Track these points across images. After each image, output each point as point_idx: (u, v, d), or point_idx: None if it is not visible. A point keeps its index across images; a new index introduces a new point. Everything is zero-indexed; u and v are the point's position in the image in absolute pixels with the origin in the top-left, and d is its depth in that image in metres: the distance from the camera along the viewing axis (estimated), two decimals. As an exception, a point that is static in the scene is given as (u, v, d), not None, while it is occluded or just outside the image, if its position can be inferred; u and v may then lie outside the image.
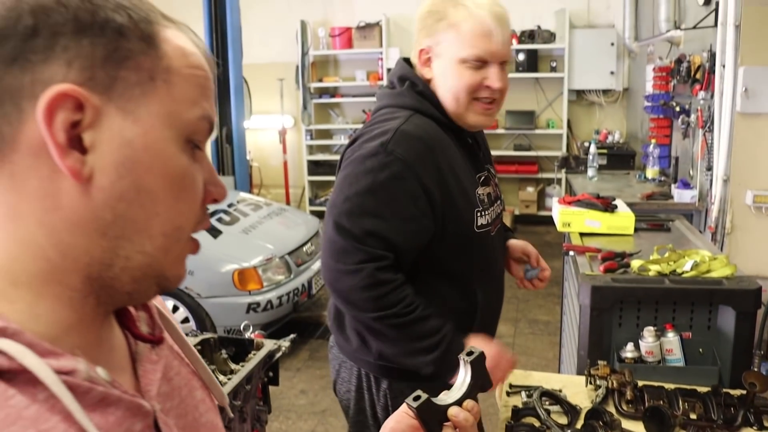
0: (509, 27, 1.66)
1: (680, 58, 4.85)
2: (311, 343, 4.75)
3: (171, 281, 0.64)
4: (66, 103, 0.54)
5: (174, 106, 0.60)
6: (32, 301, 0.56)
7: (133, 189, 0.57)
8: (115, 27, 0.56)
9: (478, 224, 1.70)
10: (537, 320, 5.16)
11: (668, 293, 2.18)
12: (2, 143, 0.54)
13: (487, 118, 1.70)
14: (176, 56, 0.61)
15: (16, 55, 0.53)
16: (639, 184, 5.18)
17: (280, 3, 8.72)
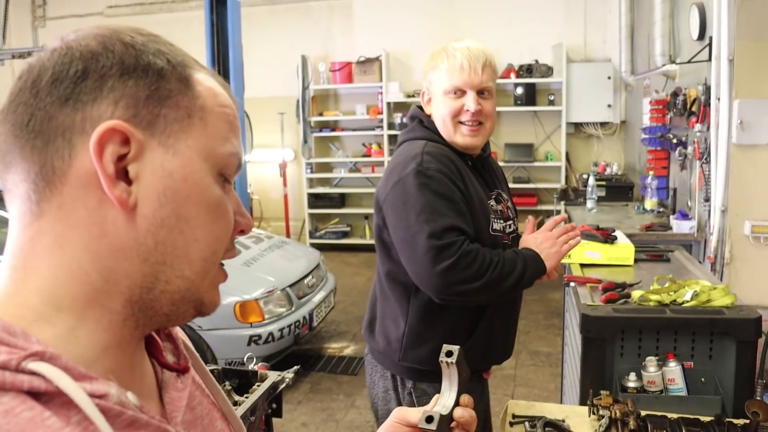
0: (486, 62, 1.93)
1: (676, 91, 4.92)
2: (312, 375, 4.74)
3: (207, 306, 0.68)
4: (114, 138, 0.59)
5: (209, 141, 0.65)
6: (73, 324, 0.60)
7: (174, 216, 0.62)
8: (156, 69, 0.62)
9: (493, 228, 1.97)
10: (538, 352, 5.15)
11: (669, 323, 2.19)
12: (53, 176, 0.59)
13: (474, 138, 1.97)
14: (209, 96, 0.66)
15: (68, 95, 0.59)
16: (638, 216, 5.21)
17: (282, 38, 8.85)
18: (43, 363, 0.53)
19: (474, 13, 8.43)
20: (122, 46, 0.62)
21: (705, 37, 4.41)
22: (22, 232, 0.61)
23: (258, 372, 2.30)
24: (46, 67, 0.60)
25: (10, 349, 0.53)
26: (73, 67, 0.60)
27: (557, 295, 6.45)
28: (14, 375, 0.52)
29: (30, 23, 9.81)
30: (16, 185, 0.61)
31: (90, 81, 0.59)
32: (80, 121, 0.59)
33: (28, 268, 0.60)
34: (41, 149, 0.59)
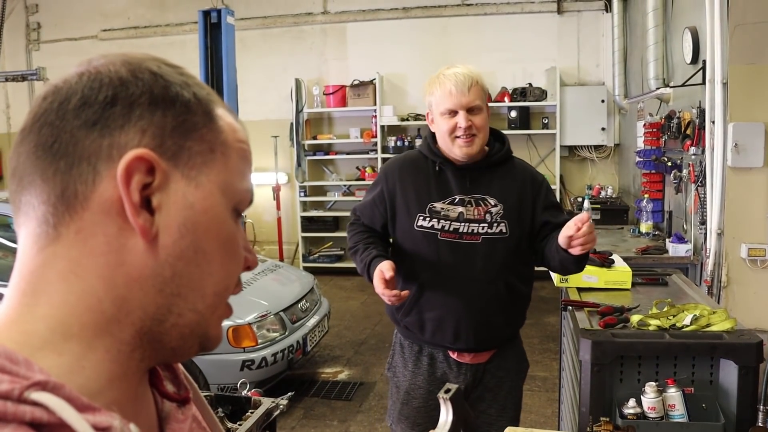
0: (471, 83, 2.24)
1: (670, 114, 4.93)
2: (306, 401, 4.67)
3: (212, 341, 0.67)
4: (140, 166, 0.58)
5: (228, 176, 0.65)
6: (81, 353, 0.58)
7: (192, 248, 0.62)
8: (183, 101, 0.62)
9: (416, 223, 2.32)
10: (534, 376, 5.10)
11: (669, 348, 2.17)
12: (75, 201, 0.58)
13: (468, 148, 2.26)
14: (229, 131, 0.66)
15: (96, 120, 0.59)
16: (633, 239, 5.20)
17: (276, 61, 8.88)
18: (45, 393, 0.51)
19: (467, 36, 8.49)
20: (151, 75, 0.62)
21: (698, 60, 4.43)
22: (36, 255, 0.60)
23: (252, 398, 2.26)
24: (75, 90, 0.60)
25: (12, 377, 0.51)
26: (103, 93, 0.59)
27: (553, 319, 6.41)
28: (16, 405, 0.50)
29: (24, 46, 9.82)
30: (34, 207, 0.60)
31: (119, 108, 0.59)
32: (107, 147, 0.58)
33: (38, 293, 0.59)
34: (64, 172, 0.58)
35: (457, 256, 2.30)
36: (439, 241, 2.29)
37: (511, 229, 2.30)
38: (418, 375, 2.43)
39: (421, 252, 2.33)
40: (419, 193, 2.33)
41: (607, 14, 8.05)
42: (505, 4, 8.42)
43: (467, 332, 2.32)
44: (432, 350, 2.42)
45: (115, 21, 9.45)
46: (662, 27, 5.50)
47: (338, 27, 8.87)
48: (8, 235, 5.01)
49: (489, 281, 2.30)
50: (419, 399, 2.42)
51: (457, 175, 2.33)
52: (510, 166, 2.41)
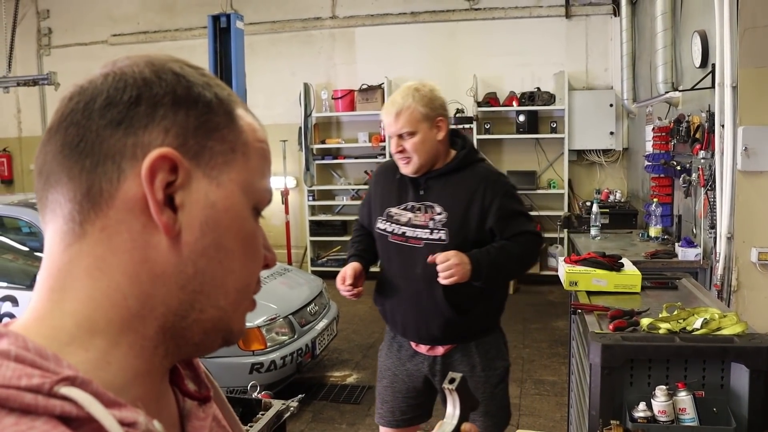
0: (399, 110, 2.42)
1: (679, 118, 4.92)
2: (315, 404, 4.67)
3: (235, 335, 0.68)
4: (164, 165, 0.59)
5: (249, 175, 0.66)
6: (106, 349, 0.59)
7: (214, 246, 0.63)
8: (205, 101, 0.64)
9: (376, 225, 2.58)
10: (543, 381, 5.09)
11: (679, 351, 2.16)
12: (100, 198, 0.60)
13: (406, 167, 2.47)
14: (249, 131, 0.67)
15: (121, 120, 0.60)
16: (642, 243, 5.18)
17: (284, 66, 8.91)
18: (74, 388, 0.53)
19: (476, 40, 8.51)
20: (174, 75, 0.63)
21: (708, 64, 4.42)
22: (63, 252, 0.61)
23: (262, 400, 2.27)
24: (101, 91, 0.61)
25: (42, 372, 0.52)
26: (127, 93, 0.61)
27: (561, 323, 6.40)
28: (47, 399, 0.51)
29: (35, 51, 9.89)
30: (60, 205, 0.61)
31: (143, 107, 0.61)
32: (131, 146, 0.60)
33: (65, 289, 0.60)
34: (90, 171, 0.60)
35: (401, 257, 2.52)
36: (389, 243, 2.54)
37: (450, 236, 2.42)
38: (390, 358, 2.68)
39: (381, 251, 2.63)
40: (383, 198, 2.59)
41: (615, 18, 8.04)
42: (513, 9, 8.42)
43: (411, 327, 2.55)
44: (400, 338, 2.66)
45: (125, 26, 9.50)
46: (671, 31, 5.50)
47: (347, 31, 8.89)
48: (18, 238, 5.04)
49: (428, 283, 2.42)
50: (387, 379, 2.68)
51: (413, 183, 2.52)
52: (468, 172, 2.51)
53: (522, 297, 7.75)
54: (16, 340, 0.54)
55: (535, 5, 8.39)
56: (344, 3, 8.87)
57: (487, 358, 2.57)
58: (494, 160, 8.44)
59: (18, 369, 0.52)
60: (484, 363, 2.56)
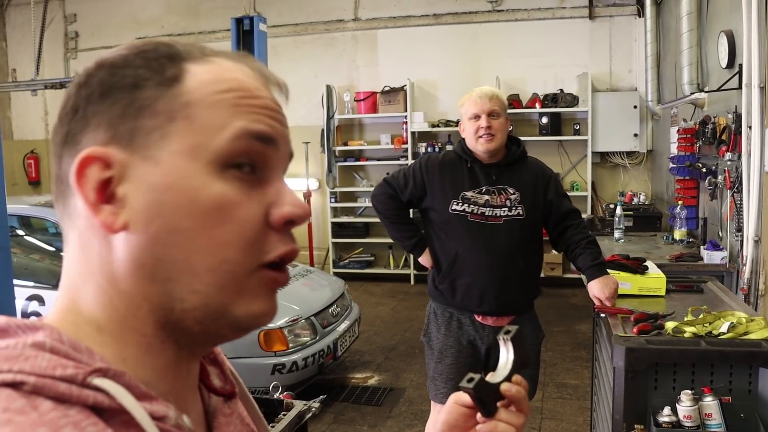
0: (492, 95, 2.88)
1: (705, 119, 4.86)
2: (336, 406, 4.68)
3: (243, 319, 0.62)
4: (93, 164, 0.58)
5: (197, 138, 0.60)
6: (118, 346, 0.60)
7: (165, 230, 0.58)
8: (129, 82, 0.60)
9: (451, 207, 2.87)
10: (565, 384, 5.06)
11: (705, 355, 2.13)
12: (72, 212, 0.62)
13: (488, 144, 2.83)
14: (201, 86, 0.61)
15: (66, 134, 0.61)
16: (667, 246, 5.13)
17: (307, 68, 8.94)
18: (107, 380, 0.54)
19: (498, 42, 8.48)
20: (105, 67, 0.61)
21: (734, 64, 4.36)
22: (65, 256, 0.64)
23: (284, 401, 2.27)
24: (60, 109, 0.63)
25: (76, 363, 0.54)
26: (70, 102, 0.61)
27: (584, 326, 6.34)
28: (80, 389, 0.52)
29: (62, 55, 10.03)
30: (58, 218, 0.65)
31: (79, 113, 0.60)
32: (75, 156, 0.59)
33: (74, 289, 0.62)
34: (61, 191, 0.62)
35: (483, 234, 2.85)
36: (469, 222, 2.85)
37: (526, 211, 2.86)
38: (450, 337, 2.96)
39: (454, 230, 2.89)
40: (455, 184, 2.88)
41: (639, 19, 7.97)
42: (536, 10, 8.38)
43: (490, 297, 2.86)
44: (460, 315, 2.96)
45: (149, 29, 9.59)
46: (697, 31, 5.43)
47: (369, 33, 8.91)
48: (45, 238, 5.11)
49: (509, 255, 2.85)
50: (451, 357, 2.95)
51: (483, 171, 2.90)
52: (525, 163, 2.98)
53: (544, 300, 7.67)
54: (51, 332, 0.55)
55: (558, 6, 8.34)
56: (367, 5, 8.88)
57: (534, 328, 3.00)
58: (517, 162, 8.39)
59: (53, 360, 0.53)
60: (534, 332, 2.99)
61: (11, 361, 0.52)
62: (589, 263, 2.82)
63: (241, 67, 0.65)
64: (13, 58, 10.15)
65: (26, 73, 9.29)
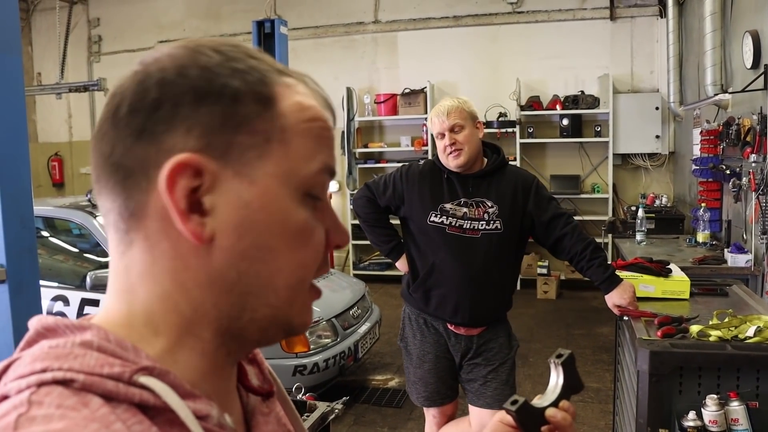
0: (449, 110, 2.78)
1: (729, 121, 4.81)
2: (356, 407, 4.69)
3: (297, 328, 0.66)
4: (186, 171, 0.57)
5: (290, 164, 0.62)
6: (171, 349, 0.60)
7: (254, 248, 0.60)
8: (230, 93, 0.59)
9: (429, 219, 2.83)
10: (587, 388, 5.02)
11: (731, 360, 2.11)
12: (137, 209, 0.59)
13: (457, 159, 2.79)
14: (292, 113, 0.62)
15: (143, 127, 0.58)
16: (689, 249, 5.08)
17: (327, 70, 8.97)
18: (152, 378, 0.55)
19: (518, 44, 8.45)
20: (198, 69, 0.59)
21: (759, 65, 4.32)
22: (119, 259, 0.62)
23: (307, 402, 2.29)
24: (125, 96, 0.59)
25: (122, 362, 0.55)
26: (149, 96, 0.58)
27: (605, 329, 6.30)
28: (127, 387, 0.53)
29: (86, 58, 10.14)
30: (109, 214, 0.62)
31: (163, 111, 0.58)
32: (155, 153, 0.58)
33: (128, 292, 0.62)
34: (123, 183, 0.59)
35: (460, 247, 2.82)
36: (446, 234, 2.83)
37: (504, 225, 2.82)
38: (426, 343, 2.98)
39: (431, 241, 2.87)
40: (434, 195, 2.86)
41: (661, 20, 7.91)
42: (556, 11, 8.35)
43: (464, 309, 2.85)
44: (433, 322, 2.96)
45: (171, 32, 9.67)
46: (720, 31, 5.38)
47: (389, 36, 8.92)
48: (69, 240, 5.17)
49: (485, 269, 2.83)
50: (429, 363, 2.97)
51: (461, 182, 2.86)
52: (504, 172, 2.90)
53: (565, 302, 7.67)
54: (98, 332, 0.57)
55: (579, 8, 8.30)
56: (387, 7, 8.90)
57: (507, 337, 2.99)
58: (537, 164, 8.38)
59: (101, 358, 0.54)
60: (508, 341, 2.98)
61: (61, 360, 0.53)
62: (601, 277, 2.76)
63: (311, 92, 0.66)
64: (38, 62, 10.29)
65: (51, 77, 9.42)
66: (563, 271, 8.12)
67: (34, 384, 0.52)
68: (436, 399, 3.01)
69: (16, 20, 2.72)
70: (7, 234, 2.68)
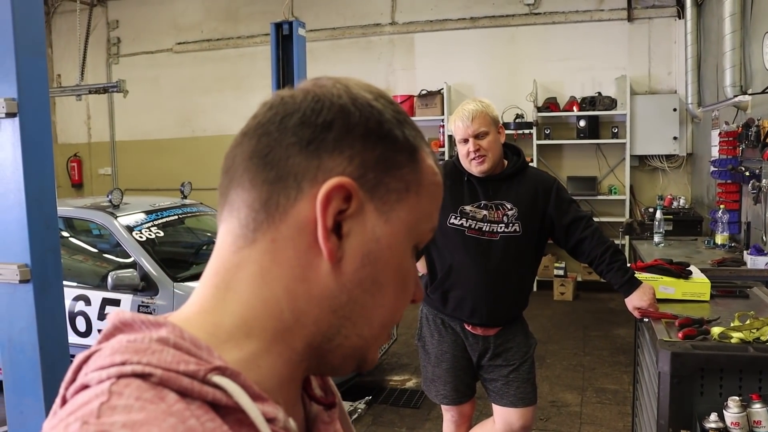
0: (474, 115, 2.76)
1: (748, 122, 4.79)
2: (375, 407, 4.70)
3: (368, 364, 0.70)
4: (340, 193, 0.61)
5: (417, 216, 0.67)
6: (258, 353, 0.63)
7: (370, 279, 0.65)
8: (393, 139, 0.66)
9: (449, 221, 2.83)
10: (605, 389, 5.02)
11: (753, 362, 2.11)
12: (275, 211, 0.63)
13: (481, 166, 2.79)
14: (428, 174, 0.69)
15: (311, 140, 0.63)
16: (708, 251, 5.05)
17: (344, 72, 8.88)
18: (225, 378, 0.56)
19: (535, 45, 8.44)
20: (369, 108, 0.65)
21: (779, 67, 4.30)
22: (233, 254, 0.64)
23: (328, 402, 2.30)
24: (298, 108, 0.64)
25: (197, 360, 0.56)
26: (323, 116, 0.63)
27: (623, 331, 6.29)
28: (201, 385, 0.55)
29: (105, 60, 10.23)
30: (238, 207, 0.64)
31: (334, 133, 0.63)
32: (314, 168, 0.62)
33: (230, 289, 0.63)
34: (272, 183, 0.63)
35: (478, 249, 2.83)
36: (466, 236, 2.84)
37: (523, 228, 2.82)
38: (443, 343, 3.00)
39: (450, 243, 2.86)
40: (454, 197, 2.85)
41: (679, 21, 7.87)
42: (573, 13, 8.33)
43: (482, 311, 2.86)
44: (451, 322, 2.98)
45: (189, 34, 9.75)
46: (740, 32, 5.35)
47: (406, 37, 8.93)
48: (89, 240, 5.23)
49: (503, 271, 2.84)
50: (447, 362, 2.99)
51: (482, 185, 2.86)
52: (524, 175, 2.90)
53: (582, 304, 7.64)
54: (173, 329, 0.59)
55: (596, 9, 8.27)
56: (404, 9, 8.92)
57: (525, 335, 3.01)
58: (554, 166, 8.36)
59: (177, 355, 0.56)
60: (525, 339, 3.00)
61: (140, 354, 0.55)
62: (620, 281, 2.77)
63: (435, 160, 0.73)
64: (58, 64, 10.39)
65: (70, 79, 9.52)
66: (580, 273, 8.09)
67: (115, 375, 0.54)
68: (454, 397, 3.04)
69: (41, 24, 2.76)
70: (32, 234, 2.72)
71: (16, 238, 2.68)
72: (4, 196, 2.67)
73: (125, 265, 4.55)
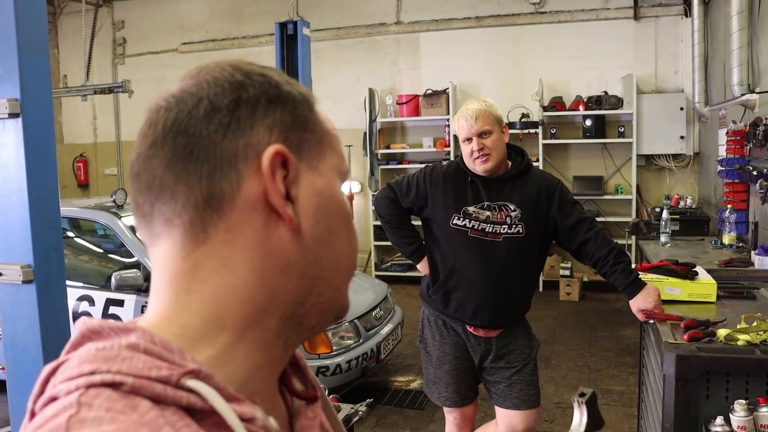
0: (477, 114, 2.77)
1: (756, 121, 4.75)
2: (379, 409, 4.69)
3: (345, 309, 0.72)
4: (278, 161, 0.63)
5: (336, 160, 0.71)
6: (232, 344, 0.62)
7: (327, 232, 0.67)
8: (293, 98, 0.67)
9: (452, 222, 2.84)
10: (610, 390, 4.99)
11: (760, 364, 2.09)
12: (222, 202, 0.62)
13: (485, 164, 2.79)
14: (326, 121, 0.72)
15: (228, 123, 0.63)
16: (715, 251, 5.01)
17: (349, 72, 8.99)
18: (199, 381, 0.55)
19: (541, 44, 8.41)
20: (261, 77, 0.66)
21: (787, 66, 4.26)
22: (184, 258, 0.63)
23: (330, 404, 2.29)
24: (200, 97, 0.63)
25: (169, 365, 0.55)
26: (227, 97, 0.63)
27: (629, 331, 6.25)
28: (175, 390, 0.54)
29: (110, 61, 10.26)
30: (177, 215, 0.62)
31: (244, 109, 0.63)
32: (243, 147, 0.62)
33: (190, 291, 0.62)
34: (208, 176, 0.62)
35: (482, 250, 2.83)
36: (469, 237, 2.83)
37: (526, 229, 2.81)
38: (445, 344, 2.99)
39: (453, 244, 2.87)
40: (457, 198, 2.86)
41: (686, 19, 7.83)
42: (579, 12, 8.30)
43: (484, 312, 2.86)
44: (453, 323, 2.97)
45: (194, 34, 9.76)
46: (748, 30, 5.31)
47: (411, 37, 8.92)
48: (94, 240, 5.23)
49: (506, 272, 2.83)
50: (449, 364, 2.99)
51: (485, 186, 2.85)
52: (528, 176, 2.89)
53: (588, 304, 7.61)
54: (143, 334, 0.57)
55: (602, 8, 8.24)
56: (409, 8, 8.90)
57: (527, 337, 3.00)
58: (560, 165, 8.33)
59: (148, 361, 0.55)
60: (528, 341, 2.99)
61: (109, 362, 0.54)
62: (624, 282, 2.75)
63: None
64: (64, 65, 10.42)
65: (76, 79, 9.54)
66: (586, 273, 8.06)
67: (83, 386, 0.53)
68: (456, 399, 3.02)
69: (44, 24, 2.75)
70: (35, 235, 2.71)
71: (19, 238, 2.68)
72: (7, 196, 2.67)
73: (129, 265, 4.56)
